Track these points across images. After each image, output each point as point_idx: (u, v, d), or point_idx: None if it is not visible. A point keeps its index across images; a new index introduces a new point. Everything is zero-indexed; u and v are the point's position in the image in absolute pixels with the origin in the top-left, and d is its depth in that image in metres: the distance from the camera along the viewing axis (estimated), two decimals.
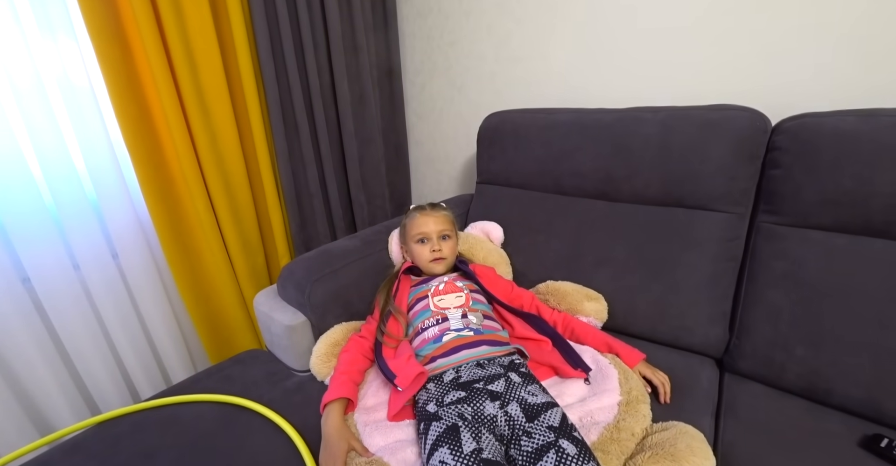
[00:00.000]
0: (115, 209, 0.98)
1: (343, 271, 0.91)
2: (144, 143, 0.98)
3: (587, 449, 0.52)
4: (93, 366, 0.99)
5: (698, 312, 0.84)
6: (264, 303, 0.90)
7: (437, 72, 1.47)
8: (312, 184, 1.31)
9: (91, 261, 0.96)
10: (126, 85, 0.94)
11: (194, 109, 1.01)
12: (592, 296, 0.90)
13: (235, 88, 1.12)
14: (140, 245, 1.04)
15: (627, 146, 0.92)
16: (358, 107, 1.38)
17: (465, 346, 0.70)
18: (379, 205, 1.50)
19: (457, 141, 1.51)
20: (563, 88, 1.22)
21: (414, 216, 0.92)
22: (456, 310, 0.78)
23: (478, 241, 1.03)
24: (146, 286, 1.05)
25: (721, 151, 0.83)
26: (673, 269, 0.87)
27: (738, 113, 0.84)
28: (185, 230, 1.10)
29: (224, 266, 1.15)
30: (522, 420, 0.57)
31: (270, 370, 0.86)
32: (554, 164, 1.02)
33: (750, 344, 0.79)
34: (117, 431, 0.70)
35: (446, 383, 0.65)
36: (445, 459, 0.51)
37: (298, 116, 1.24)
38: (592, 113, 1.01)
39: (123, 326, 1.03)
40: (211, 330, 1.17)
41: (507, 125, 1.12)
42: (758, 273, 0.81)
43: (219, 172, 1.10)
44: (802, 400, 0.72)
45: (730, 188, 0.84)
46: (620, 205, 0.96)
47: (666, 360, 0.82)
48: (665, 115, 0.90)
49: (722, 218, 0.86)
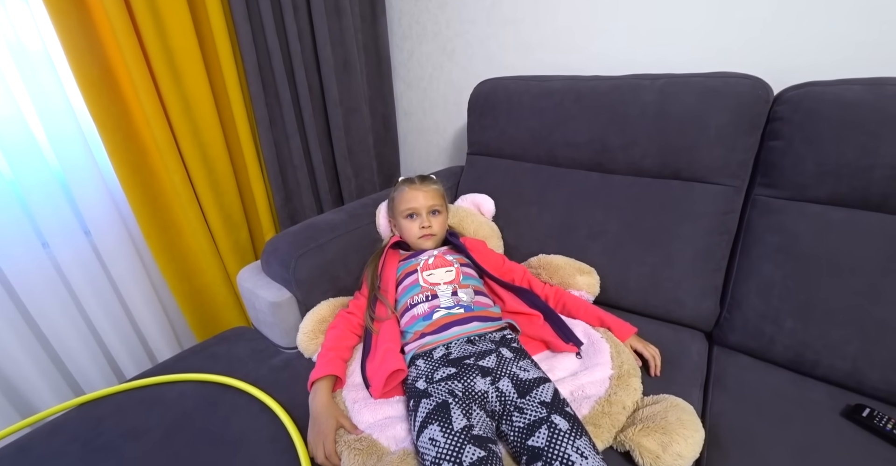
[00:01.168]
0: (83, 183, 0.92)
1: (329, 246, 0.87)
2: (111, 110, 0.91)
3: (579, 424, 0.52)
4: (72, 347, 0.95)
5: (691, 285, 0.83)
6: (248, 279, 0.87)
7: (425, 37, 1.38)
8: (296, 155, 1.25)
9: (61, 238, 0.91)
10: (85, 47, 0.85)
11: (164, 73, 0.94)
12: (585, 270, 0.89)
13: (209, 51, 1.04)
14: (114, 221, 0.98)
15: (624, 115, 0.88)
16: (342, 73, 1.30)
17: (456, 323, 0.68)
18: (367, 178, 1.45)
19: (447, 110, 1.45)
20: (559, 53, 1.16)
21: (403, 190, 0.88)
22: (446, 286, 0.76)
23: (468, 214, 1.00)
24: (123, 264, 1.01)
25: (720, 120, 0.80)
26: (667, 242, 0.86)
27: (740, 80, 0.80)
28: (161, 205, 1.04)
29: (206, 242, 1.11)
30: (514, 395, 0.56)
31: (256, 347, 0.84)
32: (547, 133, 0.98)
33: (741, 317, 0.79)
34: (99, 412, 0.68)
35: (436, 359, 0.64)
36: (435, 436, 0.50)
37: (279, 83, 1.16)
38: (588, 80, 0.96)
39: (101, 305, 0.99)
40: (195, 308, 1.15)
41: (499, 93, 1.07)
42: (751, 247, 0.80)
43: (195, 143, 1.03)
44: (789, 372, 0.73)
45: (728, 160, 0.82)
46: (615, 177, 0.93)
47: (657, 333, 0.82)
48: (664, 82, 0.86)
49: (718, 191, 0.84)
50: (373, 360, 0.67)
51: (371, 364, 0.66)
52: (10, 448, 0.63)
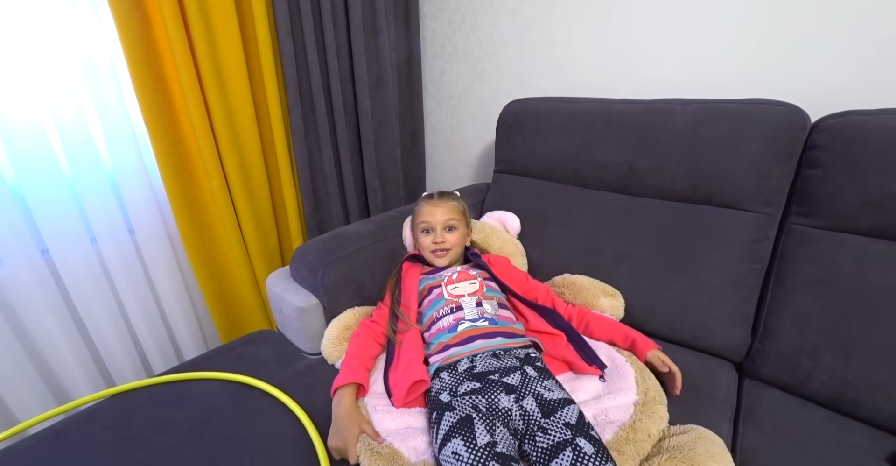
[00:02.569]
0: (132, 185, 0.98)
1: (356, 255, 0.90)
2: (162, 118, 0.97)
3: (605, 449, 0.51)
4: (108, 338, 1.00)
5: (720, 313, 0.81)
6: (277, 284, 0.89)
7: (457, 57, 1.43)
8: (328, 166, 1.29)
9: (107, 235, 0.96)
10: (145, 60, 0.92)
11: (212, 85, 1.00)
12: (609, 292, 0.88)
13: (253, 64, 1.10)
14: (155, 221, 1.04)
15: (654, 138, 0.88)
16: (375, 89, 1.35)
17: (481, 336, 0.69)
18: (393, 190, 1.49)
19: (475, 128, 1.48)
20: (587, 76, 1.18)
21: (421, 205, 0.90)
22: (470, 298, 0.76)
23: (493, 230, 1.01)
24: (160, 262, 1.06)
25: (755, 146, 0.79)
26: (696, 268, 0.84)
27: (775, 107, 0.79)
28: (199, 208, 1.09)
29: (237, 245, 1.15)
30: (538, 415, 0.56)
31: (281, 351, 0.86)
32: (575, 154, 0.99)
33: (774, 349, 0.76)
34: (131, 403, 0.71)
35: (460, 372, 0.64)
36: (458, 450, 0.50)
37: (315, 96, 1.21)
38: (618, 103, 0.97)
39: (138, 300, 1.04)
40: (223, 308, 1.18)
41: (528, 113, 1.09)
42: (786, 277, 0.78)
43: (235, 150, 1.09)
44: (827, 411, 0.70)
45: (762, 187, 0.80)
46: (643, 200, 0.92)
47: (683, 361, 0.79)
48: (696, 107, 0.86)
49: (751, 218, 0.82)
50: (395, 369, 0.67)
51: (394, 374, 0.67)
52: (47, 431, 0.66)
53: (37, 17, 0.81)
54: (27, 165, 0.84)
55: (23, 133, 0.82)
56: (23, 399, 0.88)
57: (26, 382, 0.88)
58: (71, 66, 0.86)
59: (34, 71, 0.82)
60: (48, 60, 0.83)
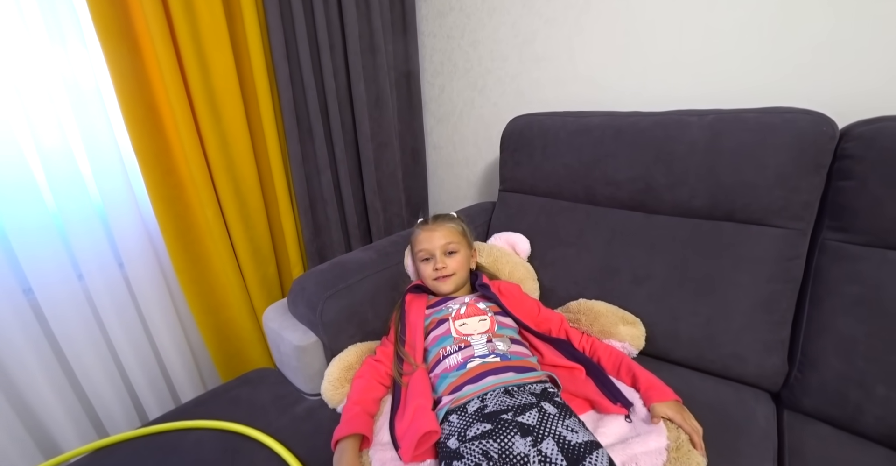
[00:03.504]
0: (121, 216, 0.94)
1: (357, 287, 0.84)
2: (153, 146, 0.94)
3: None
4: (97, 382, 0.94)
5: (753, 339, 0.75)
6: (274, 319, 0.84)
7: (457, 73, 1.40)
8: (326, 190, 1.25)
9: (96, 270, 0.91)
10: (134, 86, 0.89)
11: (205, 111, 0.96)
12: (629, 320, 0.81)
13: (248, 89, 1.07)
14: (147, 254, 0.99)
15: (670, 152, 0.83)
16: (374, 109, 1.32)
17: (491, 372, 0.63)
18: (395, 212, 1.44)
19: (477, 145, 1.44)
20: (591, 89, 1.14)
21: (417, 233, 0.86)
22: (480, 336, 0.70)
23: (503, 254, 0.95)
24: (153, 297, 1.01)
25: (780, 158, 0.74)
26: (723, 289, 0.78)
27: (800, 116, 0.74)
28: (193, 238, 1.05)
29: (234, 276, 1.10)
30: (562, 463, 0.49)
31: (279, 393, 0.80)
32: (586, 171, 0.94)
33: (817, 379, 0.69)
34: (114, 459, 0.65)
35: (470, 414, 0.58)
36: None
37: (313, 119, 1.18)
38: (628, 116, 0.92)
39: (129, 339, 0.98)
40: (220, 343, 1.12)
41: (533, 129, 1.04)
42: (824, 298, 0.72)
43: (229, 177, 1.05)
44: (884, 449, 0.62)
45: (790, 201, 0.75)
46: (660, 217, 0.87)
47: (715, 392, 0.74)
48: (713, 118, 0.81)
49: (779, 234, 0.76)
50: (402, 418, 0.61)
51: (401, 423, 0.61)
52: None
53: (19, 43, 0.78)
54: (7, 196, 0.79)
55: (2, 162, 0.78)
56: (5, 453, 0.82)
57: (8, 433, 0.82)
58: (55, 92, 0.83)
59: (15, 97, 0.78)
60: (31, 85, 0.80)
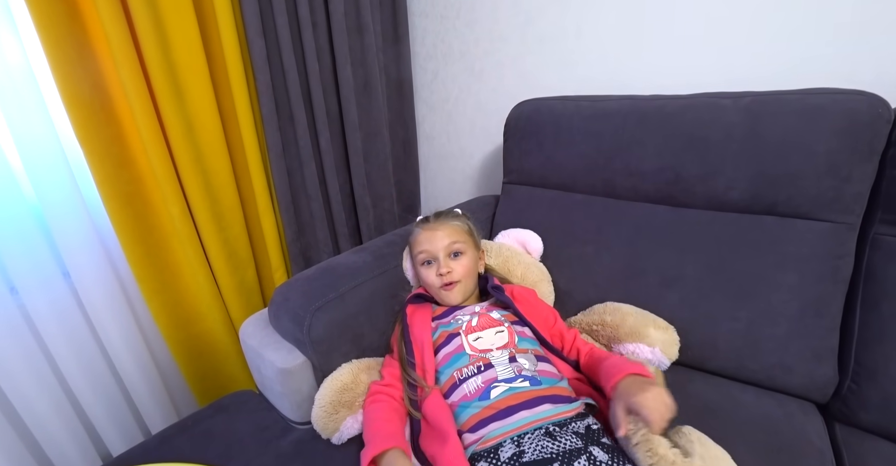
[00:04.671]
0: (63, 217, 0.78)
1: (350, 296, 0.72)
2: (101, 133, 0.79)
3: None
4: (44, 417, 0.79)
5: (800, 346, 0.67)
6: (253, 335, 0.71)
7: (451, 56, 1.28)
8: (311, 184, 1.12)
9: (32, 282, 0.76)
10: (76, 62, 0.74)
11: (165, 90, 0.82)
12: (660, 325, 0.72)
13: (217, 68, 0.93)
14: (98, 260, 0.84)
15: (703, 139, 0.74)
16: (363, 96, 1.19)
17: (523, 406, 0.52)
18: (386, 208, 1.32)
19: (474, 135, 1.33)
20: (602, 73, 1.04)
21: (416, 233, 0.75)
22: (500, 352, 0.60)
23: (514, 253, 0.85)
24: (108, 311, 0.86)
25: (830, 144, 0.66)
26: (765, 292, 0.70)
27: (853, 97, 0.66)
28: (156, 241, 0.91)
29: (206, 282, 0.96)
30: None
31: (261, 422, 0.67)
32: (605, 161, 0.85)
33: (877, 391, 0.62)
34: None
35: (504, 461, 0.47)
36: None
37: (294, 105, 1.05)
38: (651, 100, 0.83)
39: (81, 363, 0.83)
40: (193, 361, 0.98)
41: (543, 115, 0.94)
42: (880, 300, 0.64)
43: (198, 170, 0.91)
44: None
45: (840, 192, 0.67)
46: (691, 211, 0.78)
47: (758, 405, 0.67)
48: (750, 100, 0.73)
49: (828, 229, 0.69)
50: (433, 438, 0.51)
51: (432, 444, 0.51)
52: None
53: None
54: None
55: None
56: None
57: None
58: None
59: None
60: None
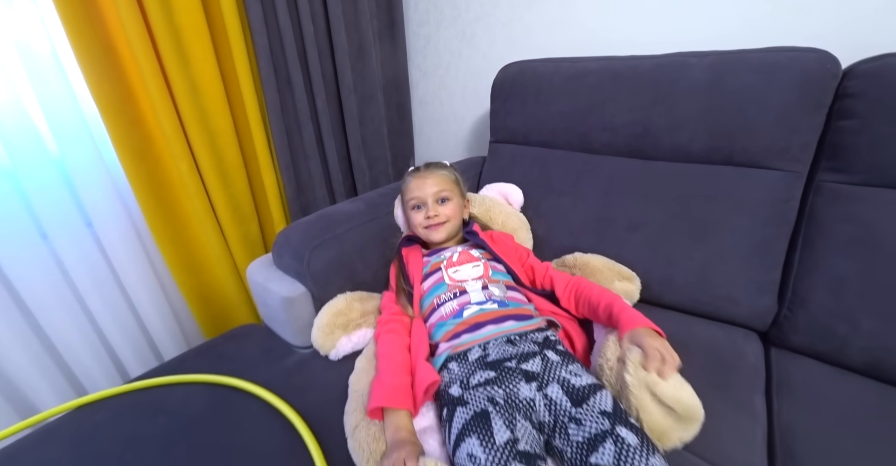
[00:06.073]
0: (85, 172, 0.86)
1: (345, 237, 0.81)
2: (113, 93, 0.85)
3: (648, 439, 0.44)
4: (73, 344, 0.90)
5: (746, 281, 0.75)
6: (259, 273, 0.80)
7: (443, 22, 1.31)
8: (309, 145, 1.19)
9: (61, 231, 0.85)
10: (86, 22, 0.80)
11: (169, 51, 0.87)
12: (625, 274, 0.80)
13: (218, 31, 0.98)
14: (117, 212, 0.93)
15: (670, 94, 0.80)
16: (357, 60, 1.23)
17: (490, 322, 0.61)
18: (381, 169, 1.39)
19: (465, 99, 1.38)
20: (586, 35, 1.08)
21: (408, 181, 0.82)
22: (475, 281, 0.68)
23: (495, 204, 0.93)
24: (127, 257, 0.95)
25: (785, 98, 0.71)
26: (718, 234, 0.77)
27: (804, 54, 0.71)
28: (168, 195, 0.98)
29: (214, 234, 1.05)
30: (567, 404, 0.49)
31: (268, 347, 0.77)
32: (581, 117, 0.91)
33: (806, 316, 0.70)
34: (96, 417, 0.62)
35: (472, 362, 0.57)
36: (474, 452, 0.43)
37: (291, 67, 1.10)
38: (626, 60, 0.88)
39: (104, 300, 0.93)
40: (203, 304, 1.08)
41: (526, 76, 0.99)
42: (816, 239, 0.72)
43: (203, 129, 0.97)
44: (868, 380, 0.64)
45: (790, 142, 0.73)
46: (659, 163, 0.85)
47: (707, 334, 0.75)
48: (715, 58, 0.78)
49: (777, 177, 0.75)
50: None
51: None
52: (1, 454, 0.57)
53: None
54: None
55: None
56: None
57: None
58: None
59: None
60: None
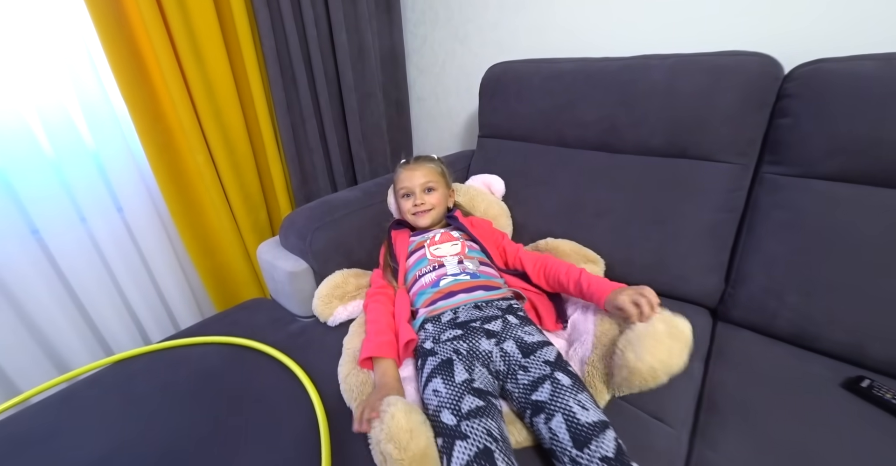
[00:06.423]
0: (116, 163, 0.98)
1: (344, 220, 0.92)
2: (140, 94, 0.97)
3: (581, 382, 0.55)
4: (104, 312, 1.03)
5: (696, 261, 0.85)
6: (268, 252, 0.92)
7: (438, 23, 1.40)
8: (312, 139, 1.29)
9: (96, 214, 0.98)
10: (118, 34, 0.91)
11: (188, 56, 0.98)
12: (591, 257, 0.90)
13: (230, 35, 1.08)
14: (143, 199, 1.05)
15: (633, 94, 0.89)
16: (357, 59, 1.33)
17: (462, 291, 0.72)
18: (380, 162, 1.49)
19: (459, 96, 1.47)
20: (567, 37, 1.17)
21: (399, 172, 0.92)
22: (452, 257, 0.79)
23: (479, 193, 1.03)
24: (152, 238, 1.08)
25: (730, 98, 0.80)
26: (673, 220, 0.87)
27: (749, 58, 0.80)
28: (186, 184, 1.10)
29: (227, 220, 1.17)
30: (518, 355, 0.60)
31: (274, 316, 0.89)
32: (556, 114, 1.00)
33: (745, 293, 0.80)
34: (131, 369, 0.74)
35: (444, 323, 0.67)
36: (438, 388, 0.54)
37: (296, 67, 1.20)
38: (598, 61, 0.97)
39: (132, 275, 1.06)
40: (216, 282, 1.21)
41: (509, 76, 1.09)
42: (757, 224, 0.81)
43: (217, 124, 1.08)
44: (791, 347, 0.74)
45: (736, 138, 0.82)
46: (623, 156, 0.94)
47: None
48: (673, 61, 0.86)
49: (726, 169, 0.84)
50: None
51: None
52: (53, 398, 0.69)
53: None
54: (9, 149, 0.85)
55: (2, 119, 0.82)
56: (25, 372, 0.92)
57: (28, 355, 0.92)
58: (44, 48, 0.85)
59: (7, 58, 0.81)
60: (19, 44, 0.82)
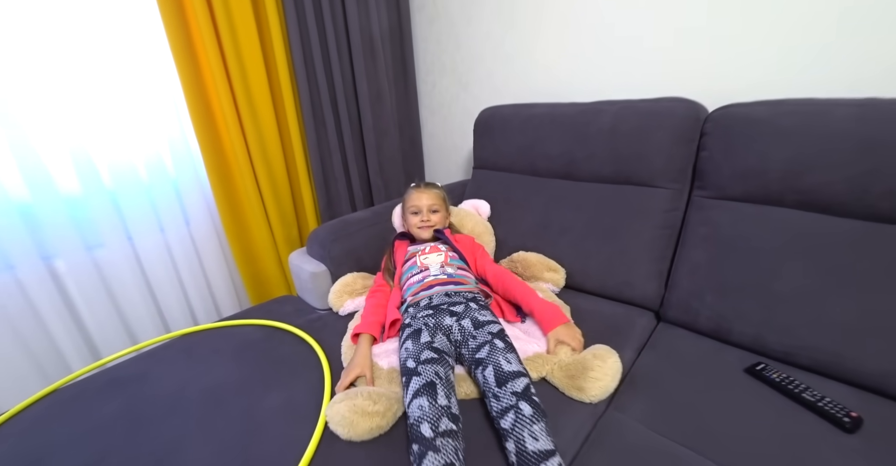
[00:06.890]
0: (188, 188, 1.29)
1: (357, 234, 1.16)
2: (210, 137, 1.27)
3: (513, 348, 0.74)
4: (168, 300, 1.32)
5: (640, 270, 1.02)
6: (296, 258, 1.17)
7: (445, 72, 1.68)
8: (337, 169, 1.57)
9: (171, 226, 1.27)
10: (198, 97, 1.22)
11: (245, 110, 1.29)
12: (553, 267, 1.09)
13: (275, 89, 1.39)
14: (205, 216, 1.34)
15: (586, 133, 1.10)
16: (376, 104, 1.61)
17: (439, 284, 0.93)
18: (395, 189, 1.74)
19: (463, 133, 1.72)
20: (548, 82, 1.40)
21: (410, 192, 1.15)
22: (437, 264, 1.00)
23: (468, 214, 1.25)
24: (209, 246, 1.37)
25: (661, 136, 0.99)
26: (622, 235, 1.04)
27: (677, 104, 1.00)
28: (237, 205, 1.39)
29: (266, 234, 1.44)
30: (471, 328, 0.80)
31: (298, 307, 1.13)
32: (529, 149, 1.22)
33: (675, 296, 0.96)
34: (192, 340, 0.99)
35: (421, 306, 0.88)
36: (408, 346, 0.75)
37: (325, 110, 1.49)
38: (563, 107, 1.19)
39: (191, 273, 1.35)
40: (254, 282, 1.48)
41: (496, 118, 1.32)
42: (687, 238, 0.98)
43: (263, 159, 1.38)
44: (712, 340, 0.89)
45: (668, 168, 1.00)
46: (582, 183, 1.14)
47: (612, 311, 1.01)
48: (619, 107, 1.07)
49: (663, 193, 1.02)
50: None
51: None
52: (142, 357, 0.94)
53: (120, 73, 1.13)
54: (120, 177, 1.17)
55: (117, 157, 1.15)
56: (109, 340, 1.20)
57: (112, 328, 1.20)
58: (144, 105, 1.18)
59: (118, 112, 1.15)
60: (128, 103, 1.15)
